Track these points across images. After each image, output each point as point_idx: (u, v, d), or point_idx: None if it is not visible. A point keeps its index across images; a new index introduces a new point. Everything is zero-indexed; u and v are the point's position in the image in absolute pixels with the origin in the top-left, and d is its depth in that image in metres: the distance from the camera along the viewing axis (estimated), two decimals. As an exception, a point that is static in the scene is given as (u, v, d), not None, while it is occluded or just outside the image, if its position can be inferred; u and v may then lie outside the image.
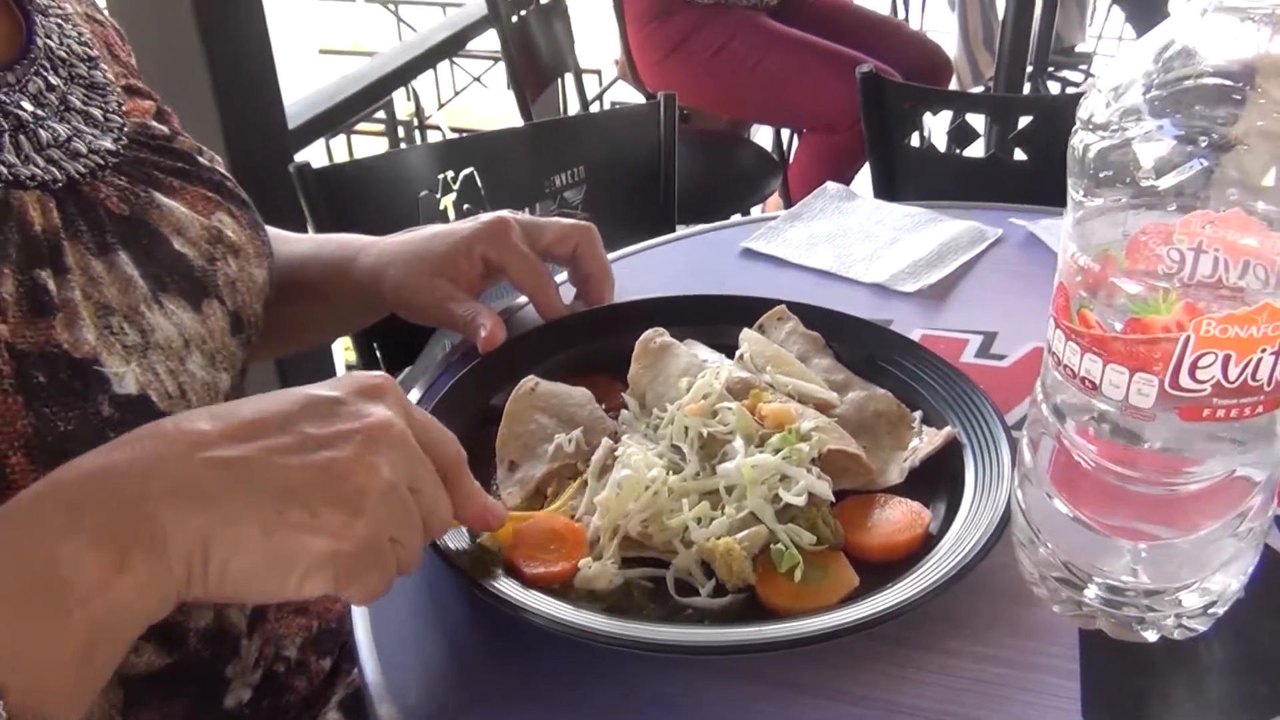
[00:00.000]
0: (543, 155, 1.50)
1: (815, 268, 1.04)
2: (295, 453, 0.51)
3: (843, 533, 0.67)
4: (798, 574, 0.63)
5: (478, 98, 4.26)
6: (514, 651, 0.62)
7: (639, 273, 1.03)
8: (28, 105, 0.66)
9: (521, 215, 0.88)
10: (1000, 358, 0.89)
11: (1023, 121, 1.49)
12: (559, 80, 2.76)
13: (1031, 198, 1.13)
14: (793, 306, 0.86)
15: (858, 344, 0.84)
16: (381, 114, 3.51)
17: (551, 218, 0.90)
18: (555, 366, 0.82)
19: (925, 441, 0.74)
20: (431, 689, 0.61)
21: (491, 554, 0.66)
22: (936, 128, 1.61)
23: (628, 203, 1.56)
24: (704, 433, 0.70)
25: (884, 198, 1.23)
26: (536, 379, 0.78)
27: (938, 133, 1.61)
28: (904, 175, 1.60)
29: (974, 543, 0.63)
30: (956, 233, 1.08)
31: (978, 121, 1.58)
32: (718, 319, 0.86)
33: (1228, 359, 0.50)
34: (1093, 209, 0.54)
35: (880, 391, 0.79)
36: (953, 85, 2.94)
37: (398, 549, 0.53)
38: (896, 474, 0.72)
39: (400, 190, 1.37)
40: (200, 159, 0.77)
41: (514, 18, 2.32)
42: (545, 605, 0.61)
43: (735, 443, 0.69)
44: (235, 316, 0.74)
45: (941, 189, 1.54)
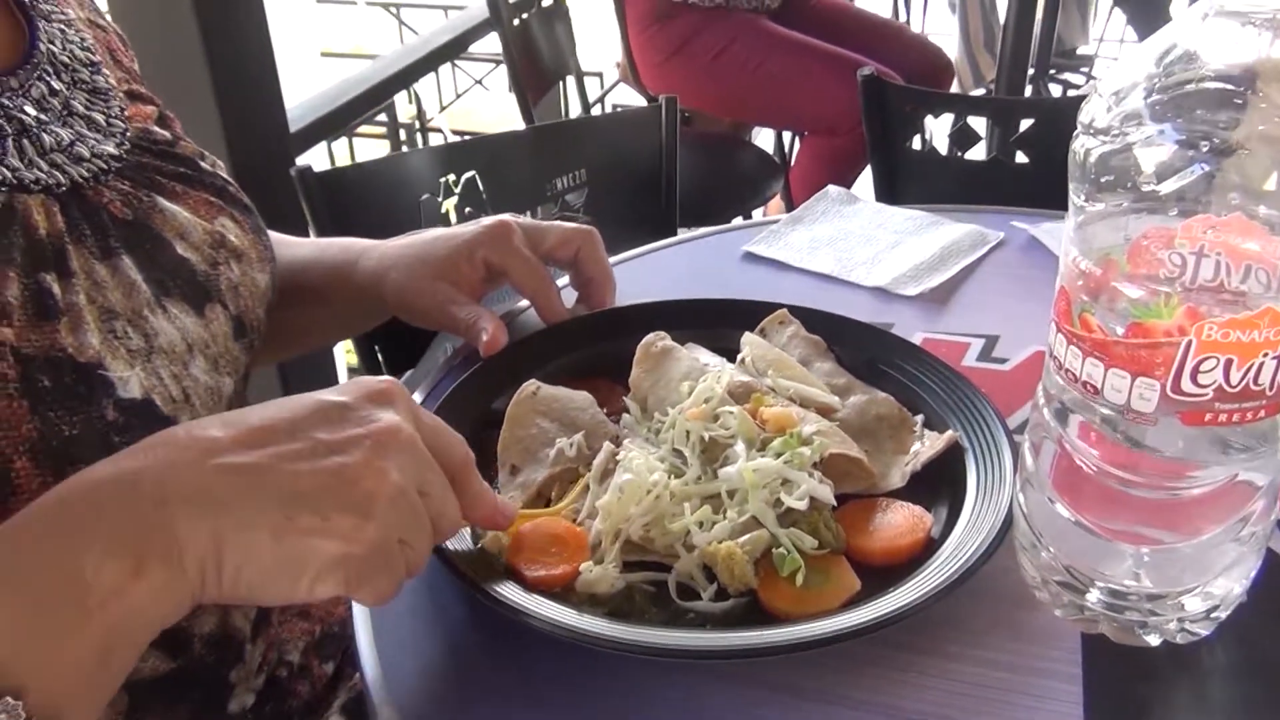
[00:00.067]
0: (544, 158, 1.50)
1: (817, 271, 1.04)
2: (305, 458, 0.51)
3: (844, 537, 0.67)
4: (799, 578, 0.63)
5: (479, 100, 4.26)
6: (515, 655, 0.63)
7: (640, 276, 1.03)
8: (30, 110, 0.66)
9: (523, 219, 0.88)
10: (1002, 361, 0.89)
11: (1024, 124, 1.49)
12: (560, 83, 2.76)
13: (1033, 200, 1.13)
14: (794, 310, 0.86)
15: (859, 348, 0.84)
16: (383, 116, 3.51)
17: (553, 221, 0.90)
18: (557, 370, 0.82)
19: (927, 445, 0.74)
20: (433, 692, 0.61)
21: (493, 558, 0.66)
22: (938, 130, 1.61)
23: (629, 206, 1.56)
24: (705, 437, 0.70)
25: (885, 200, 1.24)
26: (538, 383, 0.78)
27: (939, 135, 1.62)
28: (905, 178, 1.60)
29: (976, 547, 0.63)
30: (958, 236, 1.08)
31: (979, 124, 1.58)
32: (719, 323, 0.86)
33: (1229, 363, 0.50)
34: (1094, 213, 0.54)
35: (882, 395, 0.79)
36: (954, 88, 2.94)
37: (407, 551, 0.54)
38: (898, 478, 0.72)
39: (402, 194, 1.37)
40: (202, 164, 0.77)
41: (515, 20, 2.32)
42: (547, 609, 0.61)
43: (737, 447, 0.69)
44: (238, 321, 0.74)
45: (943, 192, 1.54)
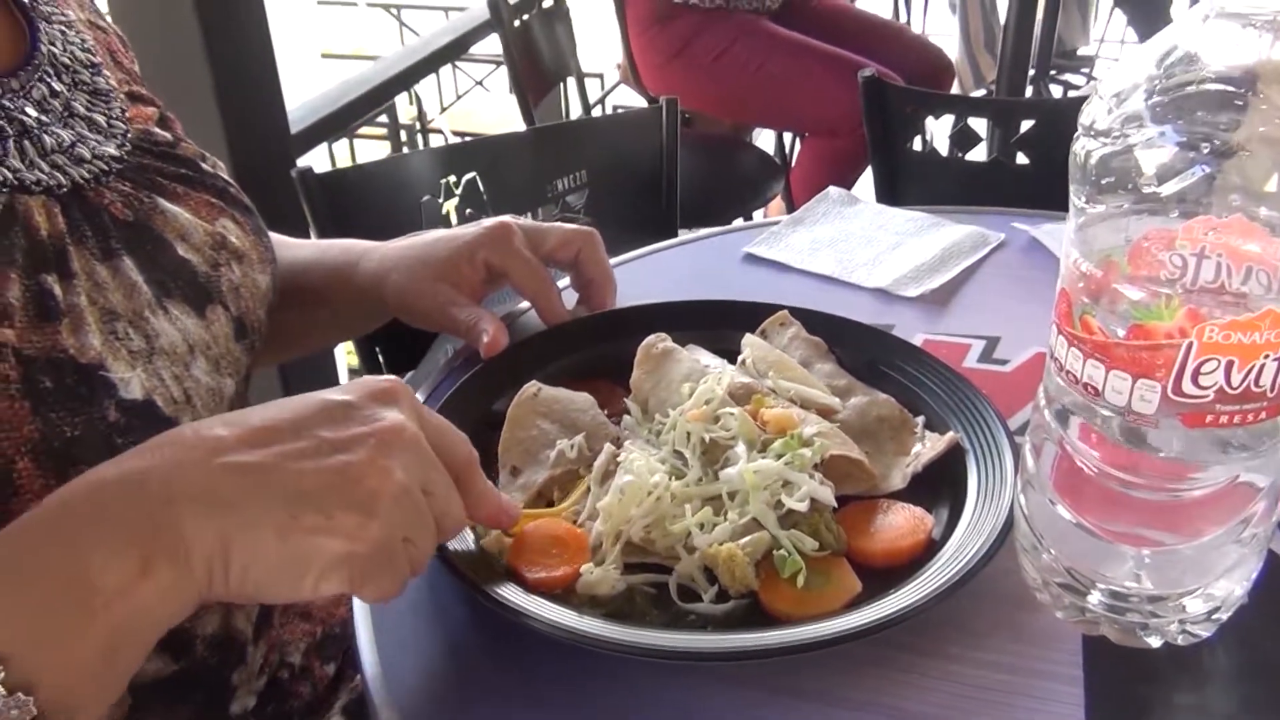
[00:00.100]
0: (545, 160, 1.50)
1: (817, 273, 1.04)
2: (310, 457, 0.52)
3: (845, 538, 0.67)
4: (800, 580, 0.63)
5: (480, 101, 4.27)
6: (516, 657, 0.63)
7: (641, 278, 1.03)
8: (32, 111, 0.66)
9: (524, 220, 0.89)
10: (1003, 363, 0.89)
11: (1025, 125, 1.49)
12: (561, 84, 2.76)
13: (1033, 201, 1.13)
14: (795, 312, 0.86)
15: (860, 349, 0.83)
16: (384, 118, 3.51)
17: (554, 223, 0.91)
18: (557, 372, 0.82)
19: (928, 447, 0.74)
20: (434, 693, 0.61)
21: (494, 559, 0.66)
22: (938, 131, 1.61)
23: (630, 207, 1.56)
24: (706, 438, 0.70)
25: (886, 202, 1.23)
26: (539, 384, 0.78)
27: (940, 136, 1.62)
28: (906, 179, 1.60)
29: (977, 548, 0.63)
30: (959, 237, 1.07)
31: (980, 125, 1.58)
32: (720, 324, 0.86)
33: (1230, 365, 0.50)
34: (1095, 215, 0.54)
35: (883, 397, 0.79)
36: (954, 88, 2.94)
37: (410, 549, 0.54)
38: (899, 479, 0.72)
39: (402, 195, 1.38)
40: (203, 165, 0.77)
41: (516, 22, 2.32)
42: (548, 611, 0.61)
43: (737, 448, 0.69)
44: (239, 322, 0.74)
45: (943, 193, 1.54)
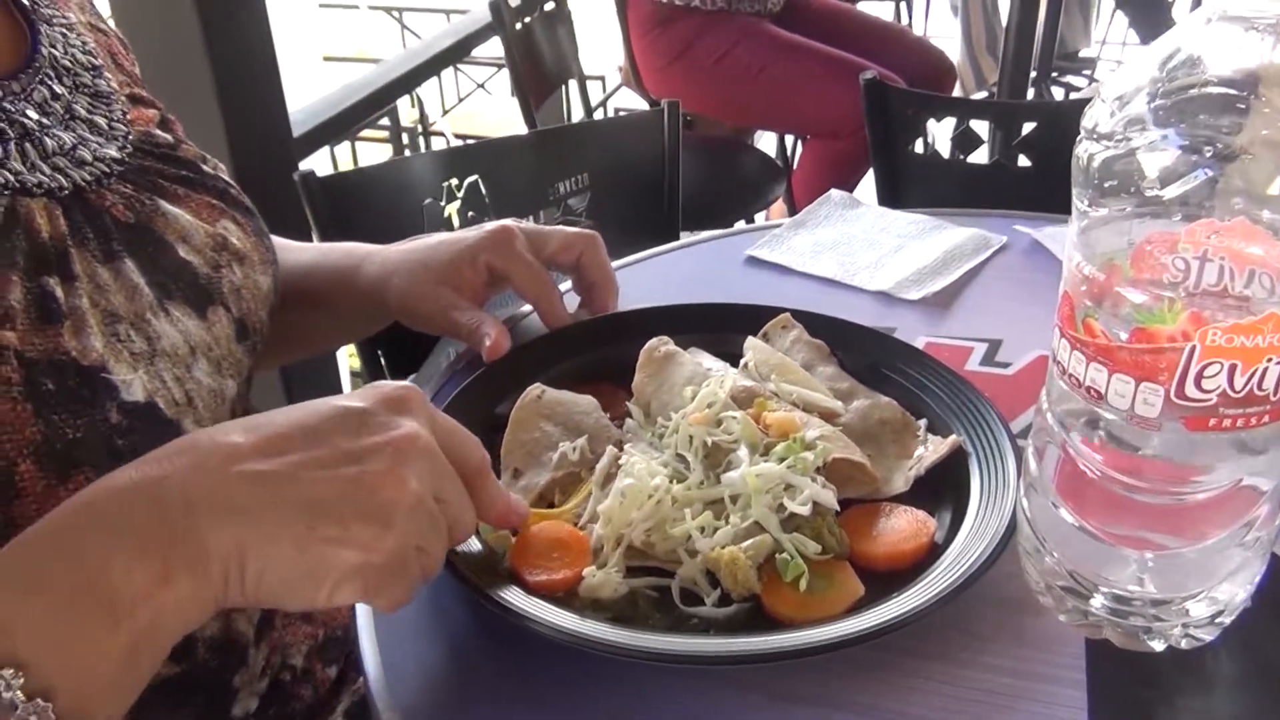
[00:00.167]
0: (547, 162, 1.50)
1: (819, 275, 1.04)
2: (326, 467, 0.52)
3: (848, 542, 0.67)
4: (803, 583, 0.63)
5: (482, 104, 4.28)
6: (518, 660, 0.62)
7: (643, 281, 1.03)
8: (33, 114, 0.66)
9: (526, 224, 0.89)
10: (1005, 365, 0.89)
11: (1027, 127, 1.49)
12: (563, 87, 2.76)
13: (1035, 203, 1.13)
14: (797, 314, 0.86)
15: (862, 352, 0.83)
16: (385, 120, 3.52)
17: (556, 226, 0.91)
18: (560, 375, 0.82)
19: (930, 450, 0.73)
20: (436, 696, 0.61)
21: (497, 562, 0.66)
22: (940, 134, 1.61)
23: (632, 210, 1.56)
24: (708, 441, 0.70)
25: (888, 204, 1.23)
26: (543, 386, 0.78)
27: (941, 139, 1.62)
28: (908, 181, 1.60)
29: (980, 552, 0.63)
30: (961, 240, 1.07)
31: (981, 128, 1.58)
32: (722, 327, 0.86)
33: (1233, 369, 0.50)
34: (1097, 218, 0.53)
35: (885, 400, 0.78)
36: (956, 91, 2.94)
37: (423, 557, 0.55)
38: (901, 483, 0.72)
39: (405, 198, 1.38)
40: (204, 167, 0.77)
41: (518, 25, 2.32)
42: (550, 614, 0.61)
43: (740, 452, 0.69)
44: (240, 324, 0.74)
45: (945, 195, 1.54)
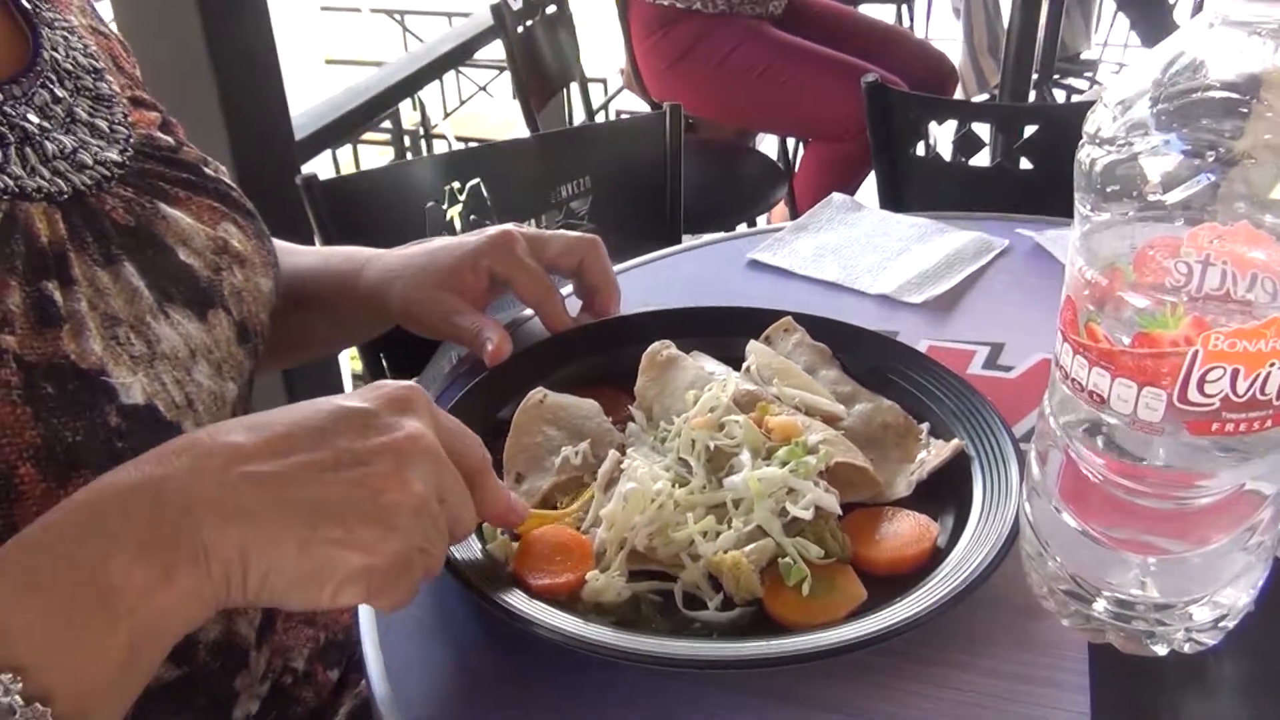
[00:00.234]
0: (549, 166, 1.50)
1: (821, 279, 1.04)
2: (330, 468, 0.51)
3: (850, 546, 0.67)
4: (805, 588, 0.63)
5: (483, 106, 4.28)
6: (521, 663, 0.62)
7: (645, 284, 1.03)
8: (34, 117, 0.66)
9: (527, 228, 0.89)
10: (1008, 369, 0.89)
11: (1028, 130, 1.49)
12: (564, 89, 2.76)
13: (1037, 206, 1.13)
14: (799, 318, 0.86)
15: (864, 356, 0.83)
16: (387, 123, 3.52)
17: (557, 231, 0.91)
18: (562, 379, 0.82)
19: (933, 454, 0.73)
20: (439, 700, 0.61)
21: (499, 566, 0.66)
22: (942, 136, 1.61)
23: (633, 212, 1.56)
24: (711, 445, 0.70)
25: (889, 207, 1.23)
26: (545, 390, 0.77)
27: (943, 142, 1.62)
28: (909, 184, 1.60)
29: (982, 557, 0.63)
30: (963, 243, 1.07)
31: (983, 130, 1.58)
32: (724, 331, 0.86)
33: (1236, 373, 0.50)
34: (1100, 223, 0.53)
35: (887, 403, 0.78)
36: (958, 93, 2.94)
37: (425, 557, 0.54)
38: (904, 487, 0.72)
39: (407, 201, 1.38)
40: (206, 169, 0.77)
41: (520, 28, 2.32)
42: (553, 618, 0.61)
43: (742, 456, 0.69)
44: (241, 326, 0.75)
45: (947, 198, 1.54)
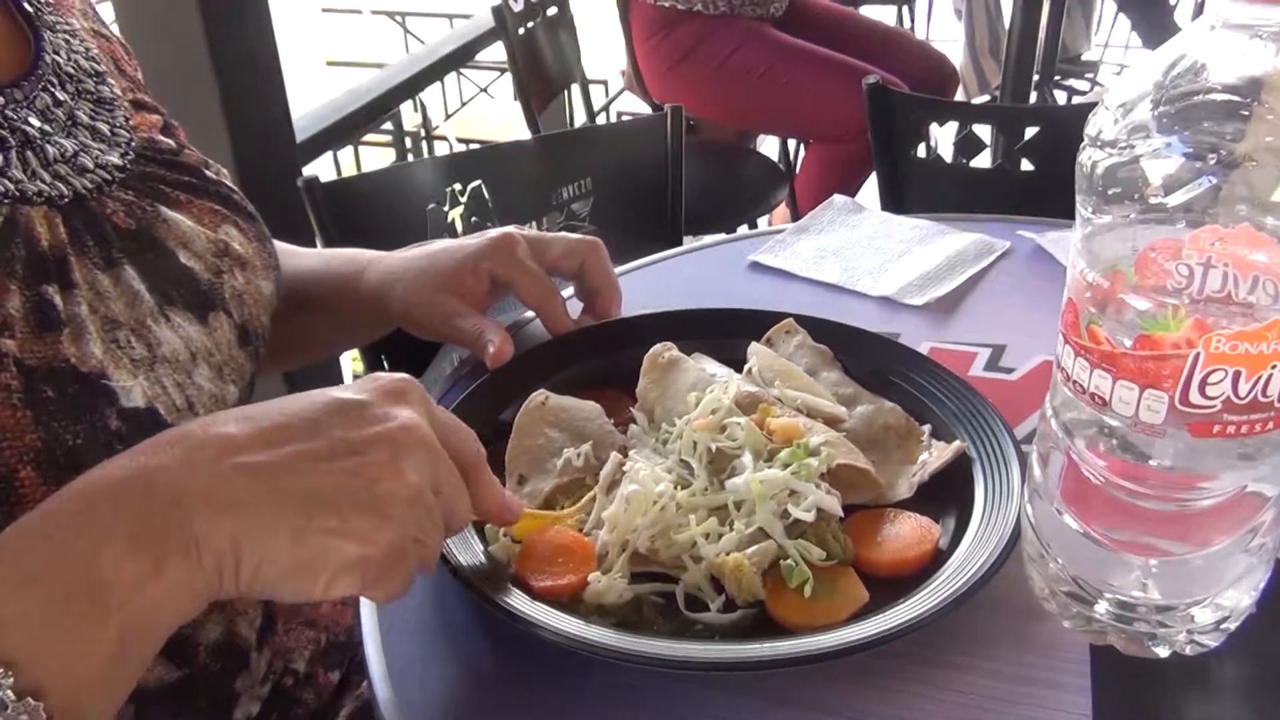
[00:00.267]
0: (550, 167, 1.50)
1: (823, 281, 1.04)
2: (324, 458, 0.51)
3: (852, 548, 0.67)
4: (807, 589, 0.63)
5: (485, 108, 4.28)
6: (522, 664, 0.62)
7: (646, 286, 1.03)
8: (35, 121, 0.66)
9: (528, 231, 0.89)
10: (1009, 371, 0.89)
11: (1029, 132, 1.49)
12: (565, 91, 2.76)
13: (1038, 208, 1.13)
14: (801, 320, 0.86)
15: (866, 357, 0.83)
16: (388, 125, 3.53)
17: (558, 233, 0.91)
18: (563, 381, 0.82)
19: (934, 456, 0.73)
20: (441, 701, 0.61)
21: (501, 568, 0.66)
22: (943, 138, 1.61)
23: (634, 214, 1.56)
24: (712, 448, 0.70)
25: (890, 209, 1.23)
26: (547, 393, 0.78)
27: (944, 143, 1.61)
28: (910, 186, 1.60)
29: (984, 559, 0.63)
30: (964, 245, 1.07)
31: (984, 132, 1.58)
32: (726, 333, 0.86)
33: (1238, 375, 0.50)
34: (1101, 225, 0.53)
35: (889, 405, 0.78)
36: (959, 94, 2.94)
37: (420, 548, 0.54)
38: (906, 489, 0.72)
39: (408, 203, 1.38)
40: (207, 172, 0.77)
41: (521, 29, 2.32)
42: (555, 620, 0.61)
43: (744, 458, 0.69)
44: (242, 329, 0.75)
45: (948, 199, 1.54)
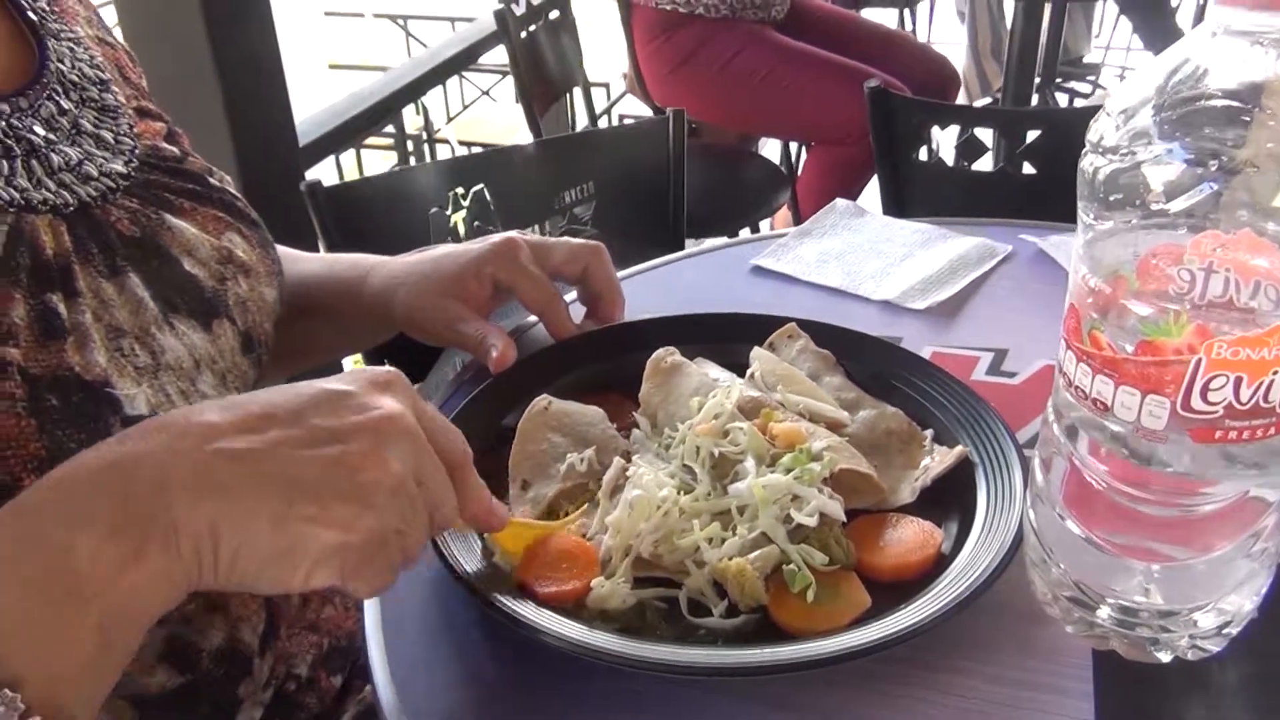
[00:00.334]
0: (552, 171, 1.50)
1: (825, 285, 1.04)
2: (306, 445, 0.51)
3: (854, 553, 0.67)
4: (810, 594, 0.63)
5: (486, 111, 4.29)
6: (526, 669, 0.63)
7: (648, 291, 1.03)
8: (39, 130, 0.66)
9: (530, 235, 0.89)
10: (1011, 375, 0.89)
11: (1031, 135, 1.49)
12: (567, 94, 2.77)
13: (1040, 211, 1.13)
14: (803, 324, 0.86)
15: (868, 362, 0.83)
16: (390, 128, 3.53)
17: (561, 238, 0.91)
18: (566, 386, 0.82)
19: (937, 460, 0.73)
20: (443, 707, 0.61)
21: (504, 573, 0.66)
22: (945, 141, 1.61)
23: (637, 218, 1.56)
24: (715, 452, 0.70)
25: (892, 212, 1.24)
26: (550, 398, 0.78)
27: (946, 146, 1.61)
28: (912, 189, 1.60)
29: (987, 564, 0.63)
30: (966, 249, 1.07)
31: (986, 135, 1.58)
32: (728, 337, 0.86)
33: (1239, 381, 0.50)
34: (1103, 231, 0.54)
35: (891, 410, 0.79)
36: (961, 97, 2.94)
37: (402, 540, 0.54)
38: (908, 493, 0.72)
39: (411, 207, 1.38)
40: (211, 179, 0.78)
41: (523, 33, 2.33)
42: (558, 625, 0.61)
43: (746, 462, 0.69)
44: (246, 336, 0.75)
45: (950, 203, 1.54)
